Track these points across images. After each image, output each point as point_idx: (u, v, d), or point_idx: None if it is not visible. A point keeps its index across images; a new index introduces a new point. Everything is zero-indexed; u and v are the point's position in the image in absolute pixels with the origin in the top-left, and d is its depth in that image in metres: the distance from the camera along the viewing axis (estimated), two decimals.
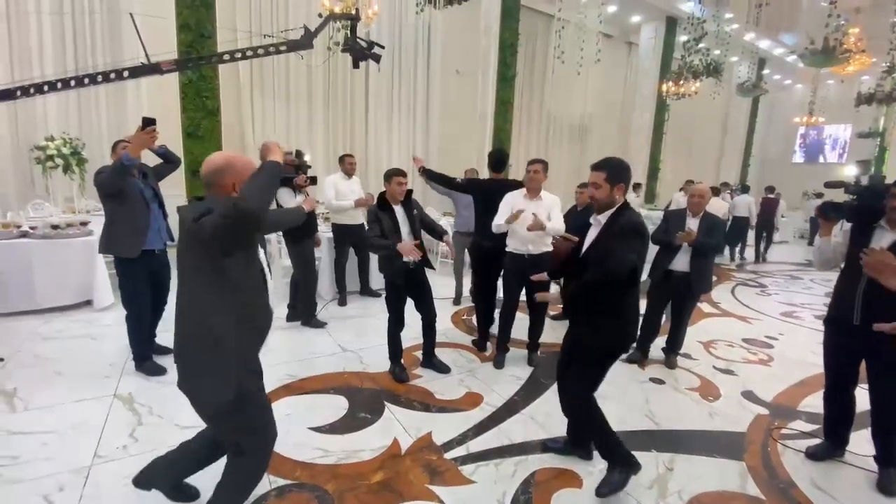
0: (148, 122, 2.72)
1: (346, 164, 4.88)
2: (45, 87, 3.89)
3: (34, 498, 1.94)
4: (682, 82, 10.39)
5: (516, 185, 3.62)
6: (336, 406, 2.81)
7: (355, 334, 4.03)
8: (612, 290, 2.01)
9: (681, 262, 3.44)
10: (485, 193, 3.68)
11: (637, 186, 11.58)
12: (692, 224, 3.42)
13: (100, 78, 3.88)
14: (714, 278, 5.57)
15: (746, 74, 13.94)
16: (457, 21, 9.34)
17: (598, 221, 2.10)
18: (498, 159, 3.81)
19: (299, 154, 3.97)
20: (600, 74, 11.88)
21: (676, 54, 11.96)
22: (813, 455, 2.54)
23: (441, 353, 3.51)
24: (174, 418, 2.58)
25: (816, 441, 2.63)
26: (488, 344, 3.85)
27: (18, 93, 3.86)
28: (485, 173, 4.42)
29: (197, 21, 5.69)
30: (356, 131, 9.18)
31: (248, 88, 7.80)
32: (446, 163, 10.01)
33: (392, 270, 3.06)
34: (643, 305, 3.74)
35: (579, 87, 12.07)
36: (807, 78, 15.15)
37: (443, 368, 3.37)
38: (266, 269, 1.80)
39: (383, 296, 3.27)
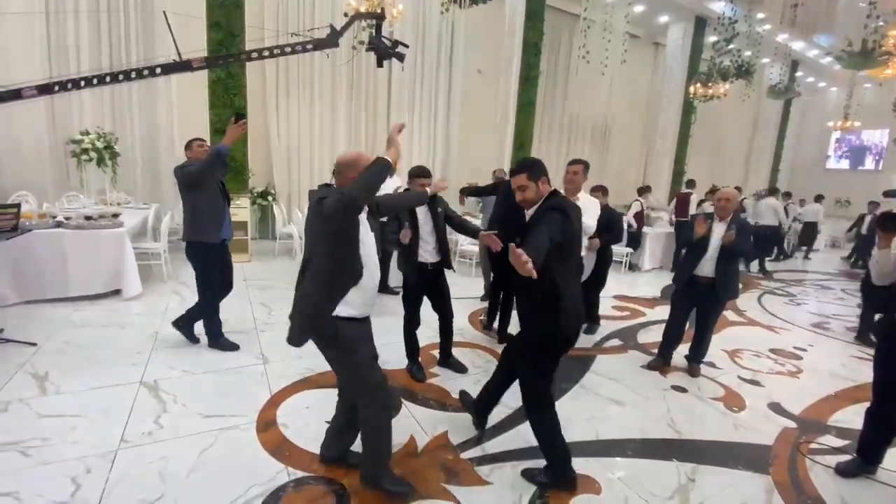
0: (240, 117, 2.92)
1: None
2: (82, 83, 4.03)
3: (62, 479, 2.01)
4: (710, 84, 10.12)
5: None
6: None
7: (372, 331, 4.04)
8: (544, 281, 1.85)
9: (706, 268, 3.35)
10: (507, 195, 3.72)
11: (647, 190, 11.35)
12: (719, 229, 3.32)
13: (133, 74, 4.01)
14: (740, 285, 5.44)
15: (779, 76, 13.51)
16: (480, 21, 9.32)
17: (529, 216, 2.15)
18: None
19: None
20: (625, 75, 11.67)
21: (705, 55, 11.68)
22: (843, 471, 2.44)
23: (458, 353, 3.51)
24: (197, 407, 2.64)
25: (846, 457, 2.53)
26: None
27: (56, 87, 4.01)
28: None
29: (227, 20, 5.82)
30: (378, 129, 9.23)
31: (274, 86, 7.93)
32: (466, 162, 10.03)
33: (408, 268, 3.07)
34: (666, 311, 3.71)
35: (603, 88, 11.90)
36: (842, 81, 14.59)
37: (460, 368, 3.36)
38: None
39: (401, 294, 3.28)
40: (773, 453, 2.62)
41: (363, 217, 1.88)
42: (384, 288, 5.23)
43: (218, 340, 3.44)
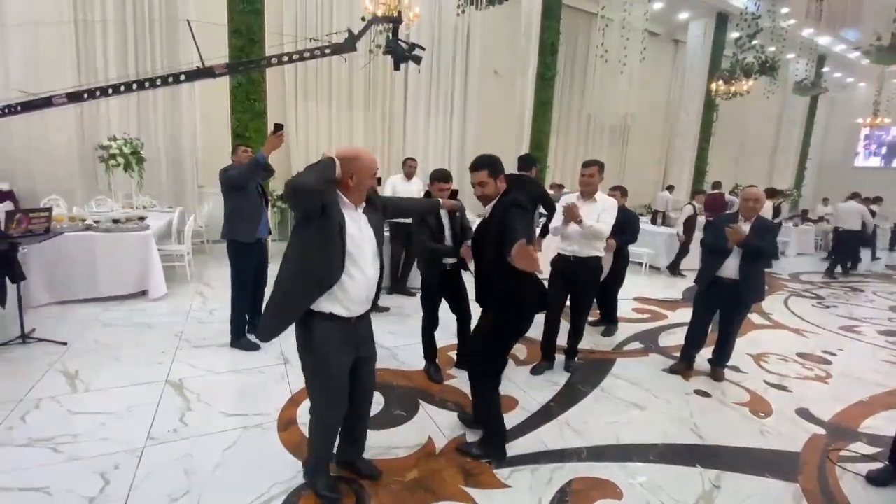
0: (278, 127, 3.03)
1: (408, 167, 5.13)
2: (110, 91, 4.17)
3: (92, 475, 2.07)
4: (733, 81, 9.90)
5: (541, 188, 3.89)
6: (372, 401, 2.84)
7: (389, 332, 4.06)
8: (511, 270, 1.89)
9: (729, 269, 3.26)
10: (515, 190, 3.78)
11: (671, 188, 11.17)
12: (744, 229, 3.23)
13: (159, 81, 4.13)
14: (765, 287, 5.29)
15: (804, 72, 13.12)
16: (496, 21, 9.30)
17: (487, 211, 2.24)
18: (524, 161, 3.88)
19: None
20: (644, 73, 11.50)
21: (727, 52, 11.42)
22: (874, 479, 2.35)
23: None
24: (220, 406, 2.70)
25: (878, 465, 2.44)
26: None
27: (85, 95, 4.16)
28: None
29: (247, 26, 5.93)
30: (394, 131, 9.30)
31: (293, 90, 8.06)
32: None
33: (431, 273, 3.07)
34: (688, 314, 3.64)
35: (621, 86, 11.74)
36: (871, 76, 14.11)
37: None
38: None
39: (417, 295, 3.29)
40: (801, 460, 2.54)
41: (354, 213, 1.80)
42: (401, 289, 5.25)
43: (240, 340, 3.52)
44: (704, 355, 3.64)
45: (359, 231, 1.80)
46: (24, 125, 6.07)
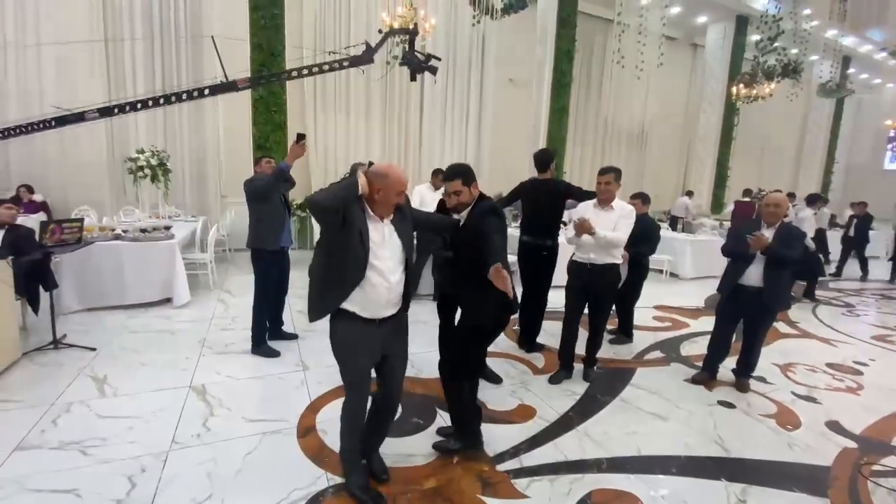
0: (300, 137, 3.14)
1: (436, 179, 5.12)
2: (139, 105, 4.34)
3: (120, 478, 2.13)
4: (755, 84, 9.72)
5: (562, 185, 3.79)
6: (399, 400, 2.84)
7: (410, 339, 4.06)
8: (476, 276, 2.07)
9: (753, 276, 3.17)
10: (528, 194, 3.78)
11: (690, 194, 10.99)
12: (767, 235, 3.15)
13: (184, 95, 4.28)
14: (792, 295, 5.15)
15: (829, 74, 12.81)
16: (511, 30, 9.36)
17: (461, 217, 2.33)
18: (542, 161, 3.79)
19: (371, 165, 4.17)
20: (662, 78, 11.40)
21: (748, 54, 11.24)
22: None
23: (492, 363, 3.48)
24: (242, 411, 2.75)
25: None
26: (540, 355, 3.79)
27: (115, 110, 4.34)
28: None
29: (268, 41, 6.11)
30: (411, 141, 9.41)
31: (312, 102, 8.24)
32: (497, 171, 10.02)
33: (443, 277, 3.08)
34: (710, 322, 3.56)
35: (639, 91, 11.65)
36: None
37: (494, 379, 3.33)
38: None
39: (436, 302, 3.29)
40: (831, 475, 2.45)
41: (378, 224, 1.90)
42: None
43: (260, 347, 3.59)
44: (728, 365, 3.55)
45: (382, 239, 1.90)
46: (57, 139, 6.36)
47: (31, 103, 6.38)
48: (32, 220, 5.18)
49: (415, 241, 2.27)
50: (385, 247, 1.90)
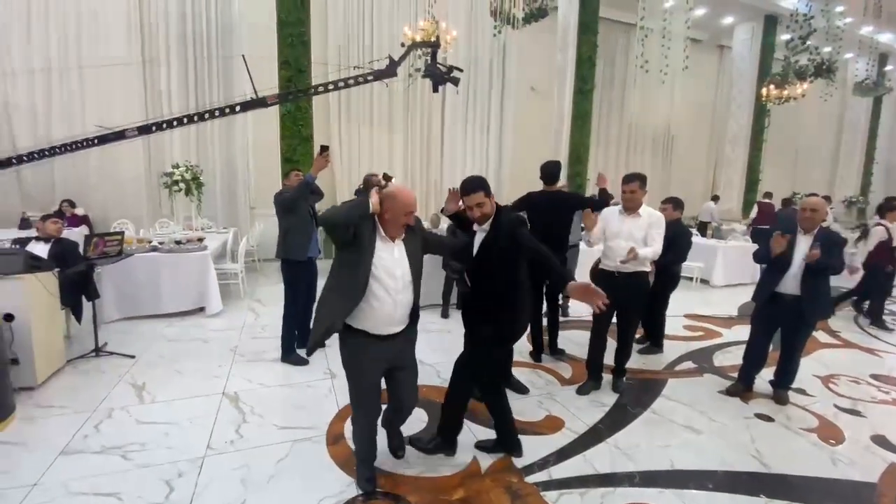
0: (323, 149, 3.26)
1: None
2: (175, 123, 4.54)
3: (158, 482, 2.20)
4: (786, 85, 9.43)
5: (571, 196, 3.72)
6: (415, 419, 2.85)
7: (432, 349, 4.07)
8: (513, 281, 2.23)
9: (790, 284, 3.06)
10: (535, 207, 3.66)
11: (716, 199, 10.70)
12: (803, 242, 3.05)
13: (217, 112, 4.46)
14: (832, 304, 4.91)
15: (865, 72, 12.31)
16: (532, 37, 9.38)
17: (483, 229, 2.33)
18: (550, 173, 3.70)
19: (387, 177, 4.22)
20: (688, 81, 11.19)
21: (778, 54, 10.93)
22: None
23: (517, 373, 3.46)
24: (273, 418, 2.81)
25: None
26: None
27: (153, 128, 4.55)
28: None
29: (295, 58, 6.30)
30: (432, 150, 9.50)
31: (336, 115, 8.44)
32: (518, 179, 10.00)
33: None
34: (744, 332, 3.45)
35: (663, 96, 11.47)
36: None
37: (521, 389, 3.30)
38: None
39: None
40: (878, 492, 2.33)
41: (389, 243, 1.98)
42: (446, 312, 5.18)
43: (290, 355, 3.67)
44: (765, 377, 3.42)
45: (392, 258, 1.97)
46: (98, 156, 6.70)
47: (74, 123, 6.76)
48: (75, 234, 5.47)
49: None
50: (394, 266, 1.96)
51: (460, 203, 2.43)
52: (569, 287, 1.99)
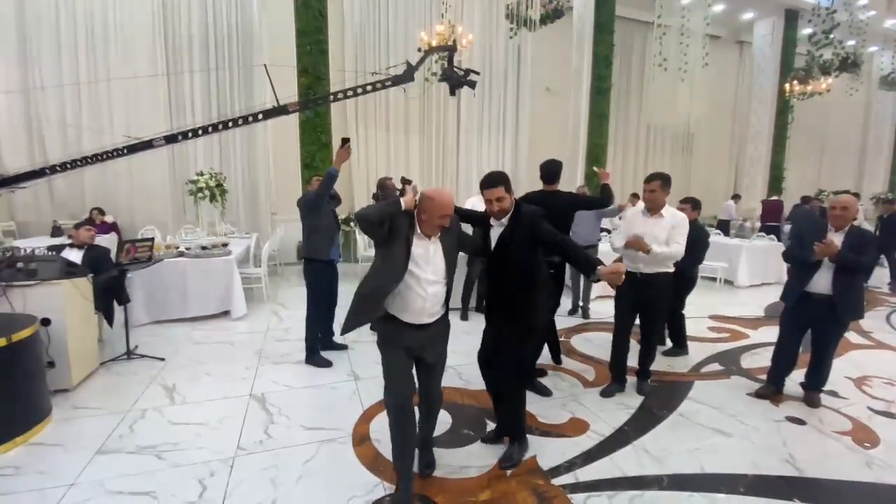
0: (345, 141, 3.35)
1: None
2: (200, 132, 4.65)
3: (192, 481, 2.26)
4: (809, 80, 9.20)
5: (570, 197, 3.58)
6: (439, 420, 2.86)
7: (452, 350, 4.05)
8: (540, 274, 2.36)
9: (821, 283, 2.98)
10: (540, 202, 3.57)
11: (736, 198, 10.48)
12: (836, 240, 2.95)
13: (240, 121, 4.55)
14: (864, 303, 4.76)
15: (891, 65, 11.93)
16: (547, 38, 9.34)
17: (500, 224, 2.35)
18: (550, 172, 3.46)
19: (405, 181, 4.25)
20: (707, 79, 11.00)
21: (800, 49, 10.68)
22: None
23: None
24: (299, 419, 2.86)
25: None
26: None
27: (179, 137, 4.66)
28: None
29: (314, 65, 6.42)
30: (448, 153, 9.54)
31: (354, 120, 8.55)
32: (535, 179, 9.96)
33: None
34: (772, 333, 3.37)
35: (683, 93, 11.29)
36: None
37: (543, 391, 3.29)
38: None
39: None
40: None
41: (425, 240, 2.05)
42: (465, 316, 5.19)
43: (314, 357, 3.72)
44: (795, 378, 3.34)
45: (426, 254, 2.04)
46: (126, 165, 6.91)
47: (103, 134, 6.98)
48: (104, 240, 5.64)
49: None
50: (428, 261, 2.05)
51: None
52: (598, 271, 2.13)
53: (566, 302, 5.68)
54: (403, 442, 2.10)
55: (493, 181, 2.30)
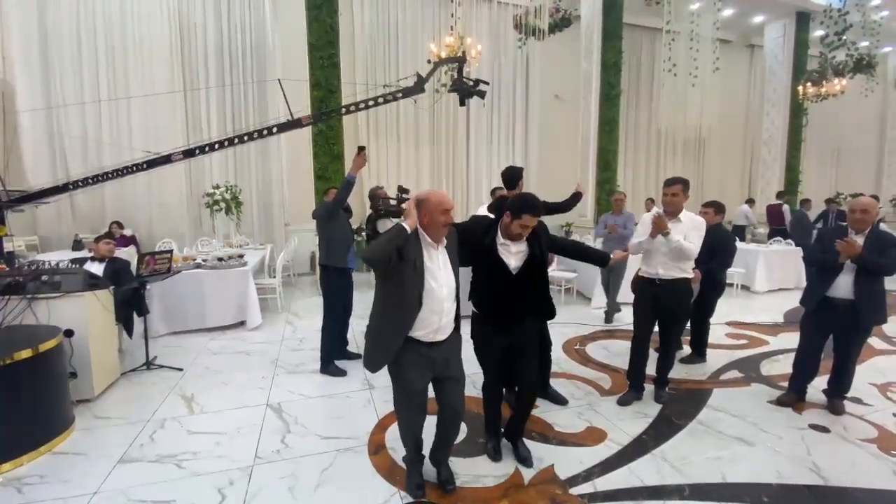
0: (361, 149, 3.41)
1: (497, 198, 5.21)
2: (216, 146, 4.76)
3: (211, 490, 2.29)
4: (823, 82, 9.09)
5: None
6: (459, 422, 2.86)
7: (466, 360, 4.06)
8: (543, 280, 2.49)
9: (843, 288, 2.92)
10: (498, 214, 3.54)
11: (751, 202, 10.33)
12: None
13: (255, 135, 4.65)
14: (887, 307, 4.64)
15: None
16: (556, 47, 9.41)
17: (512, 242, 2.38)
18: (510, 177, 3.37)
19: (402, 189, 4.21)
20: (718, 83, 10.94)
21: (812, 51, 10.58)
22: None
23: (556, 384, 3.42)
24: (315, 429, 2.87)
25: None
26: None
27: (197, 151, 4.78)
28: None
29: (326, 79, 6.54)
30: (457, 162, 9.60)
31: (366, 132, 8.67)
32: (544, 187, 9.94)
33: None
34: (792, 339, 3.30)
35: (694, 98, 11.23)
36: None
37: (559, 400, 3.26)
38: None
39: None
40: None
41: (434, 251, 2.03)
42: None
43: (328, 367, 3.75)
44: (818, 385, 3.26)
45: (437, 268, 2.02)
46: (144, 179, 7.08)
47: (122, 150, 7.18)
48: (123, 253, 5.77)
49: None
50: (439, 273, 2.02)
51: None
52: (610, 262, 2.59)
53: (569, 309, 5.65)
54: (416, 450, 2.29)
55: (538, 207, 2.24)
